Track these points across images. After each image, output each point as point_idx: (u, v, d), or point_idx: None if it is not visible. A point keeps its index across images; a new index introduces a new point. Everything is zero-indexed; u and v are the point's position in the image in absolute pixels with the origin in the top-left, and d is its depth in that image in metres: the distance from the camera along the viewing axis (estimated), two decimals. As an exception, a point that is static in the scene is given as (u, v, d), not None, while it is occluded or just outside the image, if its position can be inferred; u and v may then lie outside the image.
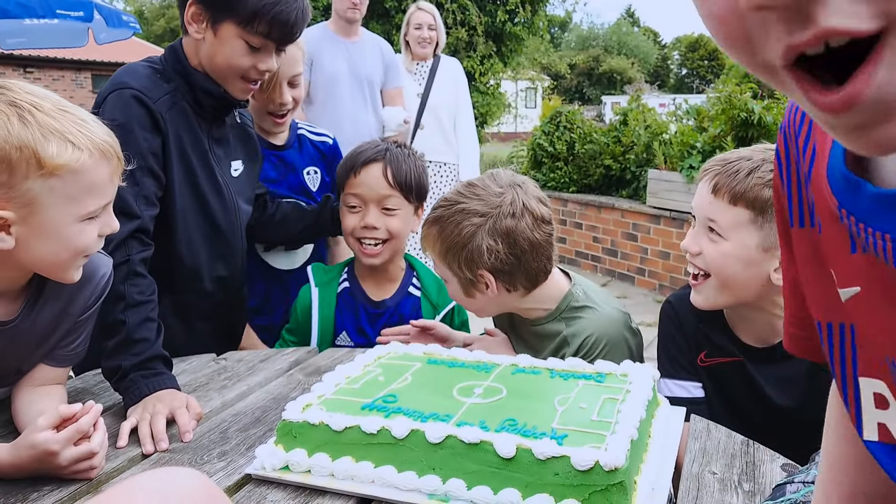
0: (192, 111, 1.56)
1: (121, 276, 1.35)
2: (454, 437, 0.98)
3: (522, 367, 1.27)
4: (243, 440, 1.20)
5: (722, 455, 1.13)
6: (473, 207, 1.47)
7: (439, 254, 1.51)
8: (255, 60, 1.52)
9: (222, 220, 1.65)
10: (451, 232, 1.47)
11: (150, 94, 1.48)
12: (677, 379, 1.45)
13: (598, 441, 0.96)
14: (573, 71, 45.19)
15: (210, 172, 1.61)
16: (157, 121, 1.48)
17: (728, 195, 1.32)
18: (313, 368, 1.53)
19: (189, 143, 1.56)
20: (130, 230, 1.40)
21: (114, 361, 1.31)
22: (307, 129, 2.19)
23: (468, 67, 9.07)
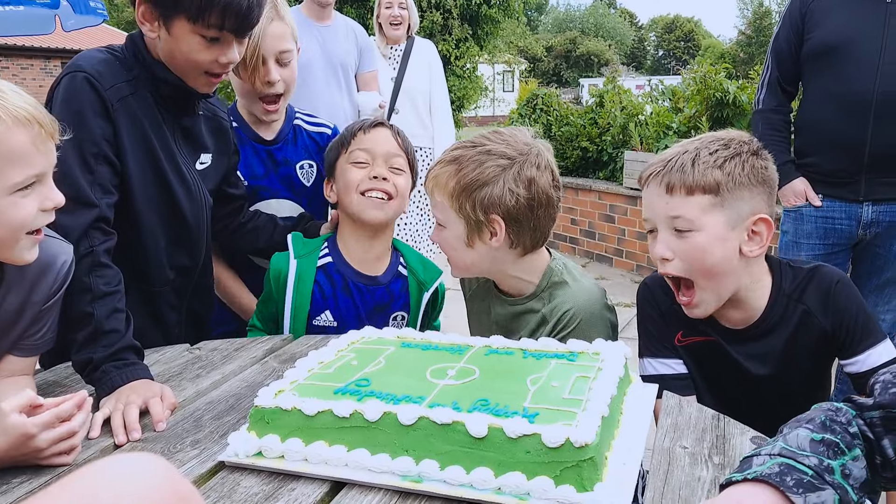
0: (154, 100, 1.53)
1: (85, 267, 1.33)
2: (426, 419, 0.98)
3: (496, 348, 1.27)
4: (217, 428, 1.19)
5: (693, 429, 1.15)
6: (501, 150, 1.47)
7: (451, 192, 1.48)
8: (215, 53, 1.48)
9: (188, 210, 1.62)
10: (472, 171, 1.46)
11: (102, 80, 1.44)
12: (659, 357, 1.47)
13: (569, 419, 0.97)
14: (550, 54, 45.13)
15: (175, 162, 1.58)
16: (108, 107, 1.44)
17: (683, 189, 1.35)
18: (288, 356, 1.52)
19: (152, 132, 1.53)
20: (90, 220, 1.38)
21: (84, 354, 1.30)
22: (304, 120, 2.09)
23: (444, 51, 9.02)
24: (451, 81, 9.38)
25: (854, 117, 2.28)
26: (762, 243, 1.36)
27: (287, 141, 2.02)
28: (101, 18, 5.91)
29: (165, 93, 1.54)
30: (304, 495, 0.97)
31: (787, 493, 0.82)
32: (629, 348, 1.26)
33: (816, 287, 1.41)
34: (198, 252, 1.69)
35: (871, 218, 2.36)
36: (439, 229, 1.55)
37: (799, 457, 0.87)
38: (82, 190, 1.38)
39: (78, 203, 1.36)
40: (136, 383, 1.27)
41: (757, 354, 1.44)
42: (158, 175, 1.55)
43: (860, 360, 1.38)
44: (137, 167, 1.50)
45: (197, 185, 1.64)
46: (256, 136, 1.98)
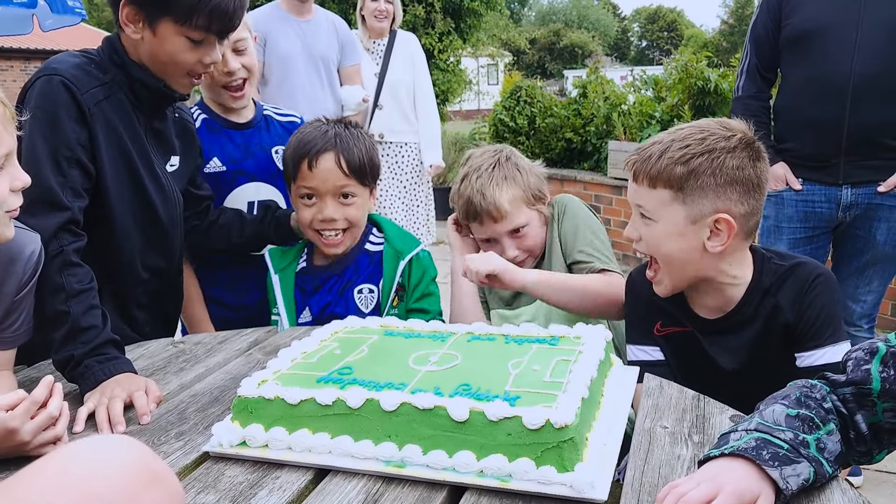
0: (130, 103, 1.53)
1: (56, 266, 1.33)
2: (408, 404, 0.99)
3: (478, 334, 1.29)
4: (201, 420, 1.19)
5: (673, 410, 1.16)
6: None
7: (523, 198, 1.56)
8: (199, 55, 1.49)
9: (163, 212, 1.62)
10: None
11: (79, 83, 1.43)
12: (640, 345, 1.49)
13: (549, 401, 0.98)
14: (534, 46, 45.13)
15: (150, 164, 1.58)
16: (84, 112, 1.43)
17: (647, 180, 1.36)
18: (272, 347, 1.52)
19: (127, 135, 1.52)
20: (61, 222, 1.37)
21: (64, 352, 1.30)
22: (273, 111, 2.15)
23: (427, 45, 9.00)
24: (434, 75, 9.36)
25: (831, 102, 2.30)
26: (724, 241, 1.34)
27: (260, 127, 2.07)
28: (79, 18, 5.85)
29: (142, 95, 1.54)
30: (289, 483, 0.98)
31: (763, 465, 0.84)
32: (609, 332, 1.27)
33: (793, 283, 1.39)
34: (172, 252, 1.70)
35: (850, 200, 2.38)
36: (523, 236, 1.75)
37: (775, 431, 0.88)
38: (54, 192, 1.37)
39: (48, 205, 1.37)
40: (120, 377, 1.27)
41: (728, 347, 1.45)
42: (133, 177, 1.55)
43: (814, 354, 1.35)
44: (113, 170, 1.50)
45: (170, 186, 1.64)
46: (229, 122, 2.00)
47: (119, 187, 1.53)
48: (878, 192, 2.34)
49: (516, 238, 1.74)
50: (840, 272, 2.51)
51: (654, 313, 1.49)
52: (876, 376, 0.94)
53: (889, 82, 2.24)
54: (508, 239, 1.73)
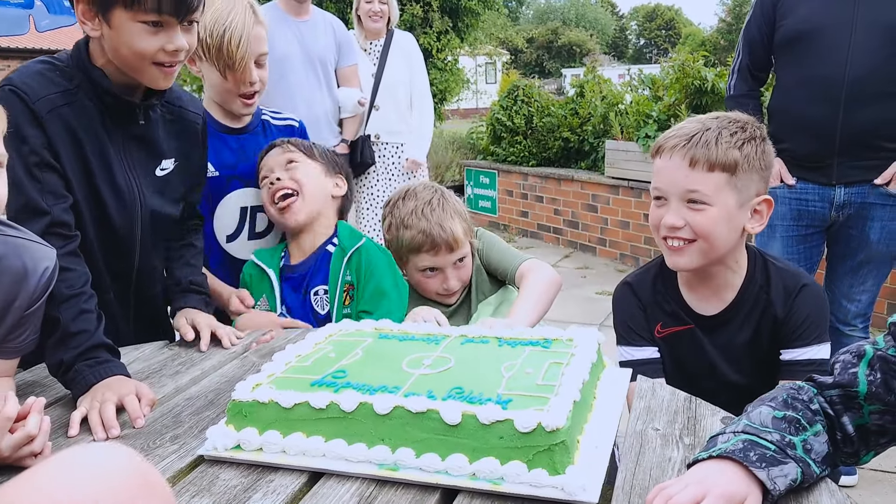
0: (96, 109, 1.50)
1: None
2: (401, 408, 1.00)
3: (471, 337, 1.29)
4: (196, 423, 1.20)
5: (665, 412, 1.17)
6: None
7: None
8: (160, 41, 1.42)
9: (117, 219, 1.57)
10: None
11: (30, 91, 1.41)
12: (634, 345, 1.52)
13: (541, 404, 0.99)
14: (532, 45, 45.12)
15: (109, 172, 1.53)
16: (37, 118, 1.41)
17: (706, 164, 1.40)
18: (267, 350, 1.53)
19: (87, 141, 1.49)
20: (43, 227, 1.37)
21: (55, 357, 1.31)
22: (271, 115, 2.14)
23: (425, 44, 9.00)
24: (432, 74, 9.36)
25: (825, 103, 2.31)
26: (762, 221, 1.45)
27: (256, 132, 2.06)
28: (75, 18, 5.85)
29: (107, 102, 1.50)
30: (283, 486, 0.98)
31: (750, 467, 0.85)
32: (602, 334, 1.28)
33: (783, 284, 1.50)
34: (129, 261, 1.64)
35: (843, 200, 2.39)
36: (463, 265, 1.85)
37: (762, 433, 0.89)
38: (31, 199, 1.38)
39: (28, 212, 1.37)
40: (111, 380, 1.27)
41: (727, 345, 1.50)
42: (89, 184, 1.51)
43: (797, 351, 1.45)
44: (71, 176, 1.47)
45: (135, 194, 1.58)
46: (225, 126, 2.00)
47: (75, 193, 1.49)
48: (873, 185, 2.35)
49: (458, 268, 1.87)
50: (834, 272, 2.52)
51: (655, 315, 1.52)
52: (863, 379, 0.95)
53: (882, 84, 2.25)
54: (452, 269, 1.86)
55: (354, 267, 1.78)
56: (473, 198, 7.88)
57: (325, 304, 1.78)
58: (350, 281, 1.77)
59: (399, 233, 1.84)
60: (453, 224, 1.82)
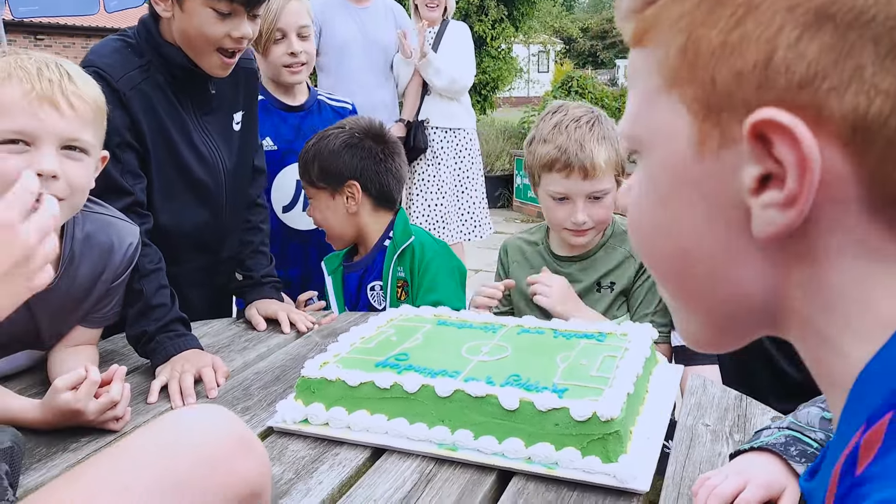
0: (168, 83, 1.55)
1: None
2: (462, 392, 1.05)
3: (527, 327, 1.34)
4: (264, 396, 1.27)
5: (716, 409, 1.20)
6: (602, 112, 1.64)
7: (616, 164, 1.59)
8: (227, 28, 1.48)
9: (208, 184, 1.65)
10: (615, 135, 1.59)
11: (113, 72, 1.47)
12: None
13: (595, 394, 1.03)
14: (586, 34, 44.53)
15: (190, 142, 1.60)
16: (121, 98, 1.48)
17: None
18: (329, 330, 1.60)
19: (166, 116, 1.55)
20: (126, 205, 1.45)
21: (138, 328, 1.39)
22: (326, 96, 2.25)
23: (479, 32, 8.98)
24: (485, 63, 9.34)
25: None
26: None
27: (312, 110, 2.17)
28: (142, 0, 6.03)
29: (177, 74, 1.55)
30: (348, 459, 1.05)
31: (789, 461, 0.88)
32: (655, 331, 1.31)
33: None
34: (219, 229, 1.72)
35: None
36: (598, 202, 1.64)
37: (806, 431, 0.92)
38: (114, 179, 1.45)
39: (112, 191, 1.44)
40: (188, 353, 1.36)
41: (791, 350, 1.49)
42: (175, 159, 1.59)
43: None
44: (155, 153, 1.55)
45: (216, 157, 1.66)
46: (283, 104, 2.10)
47: (163, 170, 1.57)
48: None
49: (593, 203, 1.63)
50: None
51: None
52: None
53: None
54: (583, 201, 1.62)
55: (407, 264, 1.79)
56: (522, 188, 7.87)
57: (381, 300, 1.82)
58: (403, 277, 1.80)
59: (536, 147, 1.65)
60: (597, 148, 1.58)
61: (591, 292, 1.68)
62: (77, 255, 1.27)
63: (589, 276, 1.68)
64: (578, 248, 1.69)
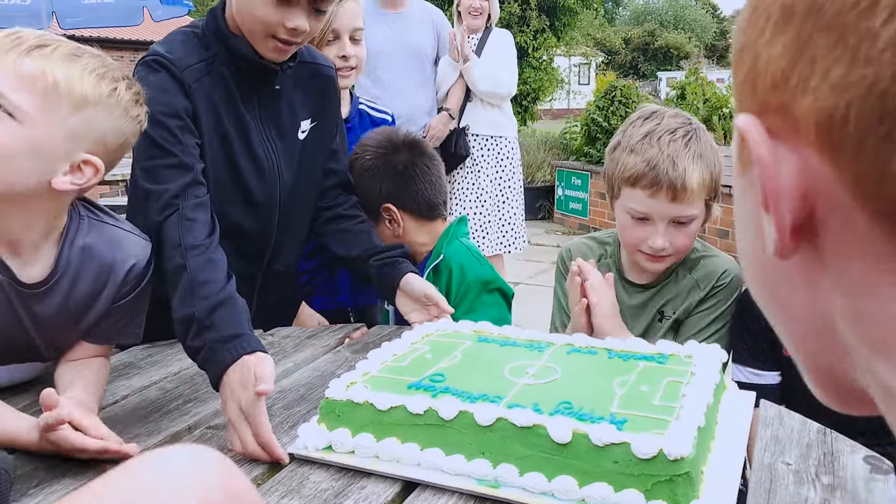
0: (232, 77, 1.48)
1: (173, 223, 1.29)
2: (505, 420, 0.92)
3: (578, 346, 1.20)
4: (287, 418, 1.16)
5: (796, 444, 1.05)
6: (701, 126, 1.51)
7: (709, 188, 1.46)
8: (282, 16, 1.37)
9: (258, 193, 1.54)
10: (713, 154, 1.46)
11: (177, 62, 1.40)
12: (753, 368, 1.37)
13: (660, 427, 0.89)
14: (627, 46, 44.18)
15: (247, 143, 1.51)
16: (185, 89, 1.40)
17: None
18: (361, 345, 1.48)
19: (226, 113, 1.48)
20: (185, 183, 1.34)
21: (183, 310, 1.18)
22: (368, 106, 2.15)
23: (521, 42, 8.88)
24: (526, 73, 9.23)
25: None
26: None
27: (354, 124, 2.07)
28: (186, 9, 6.07)
29: (244, 69, 1.47)
30: (375, 494, 0.93)
31: None
32: (724, 352, 1.16)
33: None
34: (266, 238, 1.59)
35: None
36: (682, 227, 1.45)
37: None
38: (176, 156, 1.35)
39: (175, 168, 1.35)
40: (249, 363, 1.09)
41: None
42: (228, 158, 1.50)
43: None
44: (210, 150, 1.46)
45: (273, 163, 1.55)
46: None
47: (215, 168, 1.47)
48: None
49: (675, 228, 1.43)
50: None
51: None
52: None
53: None
54: (666, 225, 1.43)
55: (443, 283, 1.67)
56: (564, 199, 7.72)
57: None
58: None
59: (621, 157, 1.45)
60: (691, 167, 1.39)
61: (653, 324, 1.52)
62: (73, 265, 1.16)
63: (652, 307, 1.52)
64: (650, 275, 1.52)
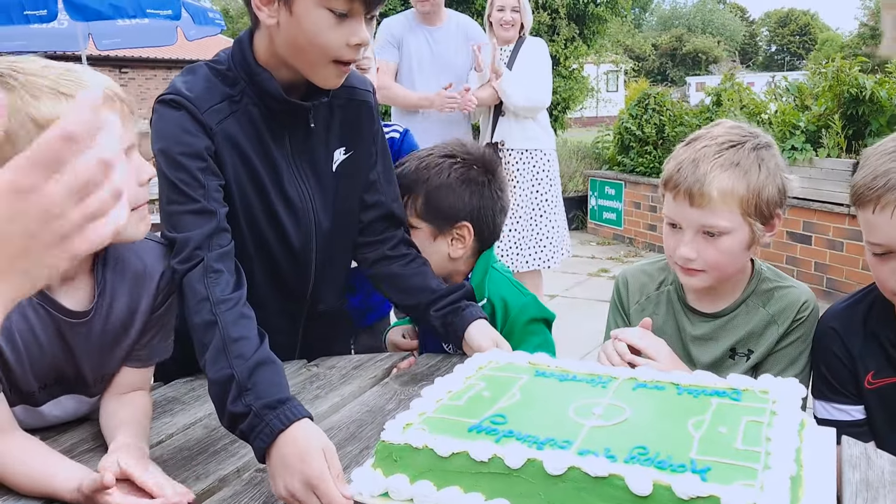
0: (261, 115, 1.35)
1: (198, 275, 1.20)
2: (577, 469, 0.85)
3: (644, 381, 1.13)
4: (338, 458, 1.10)
5: (890, 489, 0.97)
6: (763, 142, 1.38)
7: (742, 200, 1.33)
8: (345, 33, 1.24)
9: (293, 233, 1.44)
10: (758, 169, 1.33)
11: (199, 103, 1.30)
12: (836, 403, 1.29)
13: (748, 477, 0.82)
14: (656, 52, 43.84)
15: (279, 183, 1.40)
16: (207, 131, 1.31)
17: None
18: (409, 377, 1.43)
19: (254, 153, 1.36)
20: (212, 229, 1.25)
21: (218, 370, 1.09)
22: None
23: (552, 52, 8.80)
24: (556, 83, 9.15)
25: None
26: None
27: None
28: (218, 28, 6.14)
29: (273, 106, 1.35)
30: (438, 548, 0.87)
31: None
32: (802, 387, 1.09)
33: None
34: (305, 277, 1.49)
35: None
36: (711, 240, 1.35)
37: None
38: (198, 202, 1.27)
39: (197, 214, 1.27)
40: (298, 435, 1.03)
41: None
42: (263, 200, 1.40)
43: None
44: (239, 193, 1.37)
45: (307, 202, 1.44)
46: None
47: (245, 211, 1.38)
48: None
49: (705, 239, 1.36)
50: None
51: (865, 361, 1.28)
52: None
53: None
54: (694, 234, 1.36)
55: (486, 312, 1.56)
56: (597, 209, 7.61)
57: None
58: None
59: (667, 159, 1.45)
60: (714, 172, 1.31)
61: (723, 360, 1.43)
62: (109, 284, 1.16)
63: (723, 340, 1.43)
64: (714, 302, 1.45)
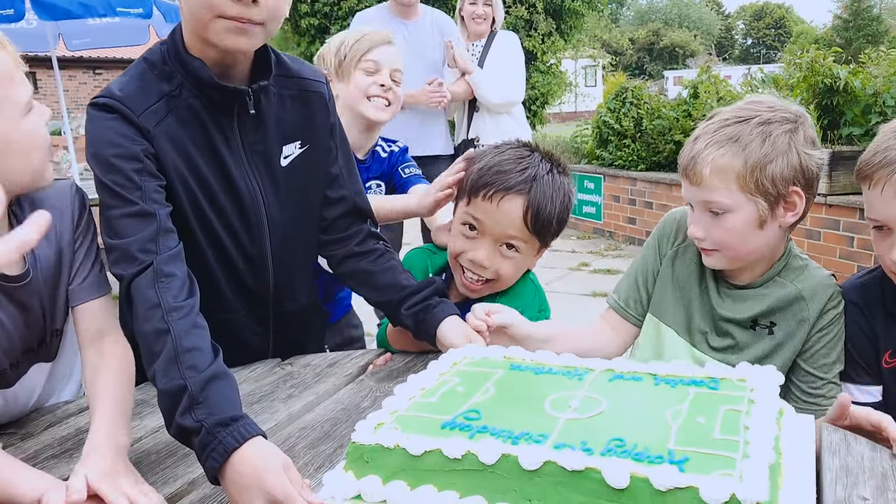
0: (203, 107, 1.30)
1: (148, 280, 1.16)
2: (553, 463, 0.83)
3: (620, 372, 1.11)
4: (311, 459, 1.08)
5: (870, 475, 0.95)
6: (780, 116, 1.30)
7: (739, 175, 1.27)
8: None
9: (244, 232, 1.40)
10: (761, 143, 1.27)
11: (133, 105, 1.25)
12: (861, 384, 1.29)
13: (727, 466, 0.80)
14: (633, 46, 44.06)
15: (226, 178, 1.36)
16: (144, 134, 1.26)
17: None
18: (384, 373, 1.40)
19: (198, 153, 1.32)
20: (152, 232, 1.20)
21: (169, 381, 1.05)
22: (381, 146, 2.10)
23: (530, 47, 8.81)
24: (534, 78, 9.16)
25: None
26: None
27: (368, 165, 2.04)
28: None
29: (212, 95, 1.30)
30: (412, 549, 0.84)
31: None
32: (780, 375, 1.07)
33: None
34: (264, 275, 1.45)
35: None
36: (717, 218, 1.32)
37: None
38: (136, 204, 1.22)
39: (136, 218, 1.21)
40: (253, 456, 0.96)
41: None
42: (211, 198, 1.35)
43: None
44: (187, 195, 1.32)
45: (257, 196, 1.39)
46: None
47: (196, 213, 1.34)
48: None
49: (712, 218, 1.33)
50: None
51: (885, 340, 1.27)
52: None
53: None
54: (701, 212, 1.34)
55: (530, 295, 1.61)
56: (577, 203, 7.63)
57: None
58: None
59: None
60: (708, 149, 1.29)
61: (742, 329, 1.40)
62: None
63: (742, 310, 1.40)
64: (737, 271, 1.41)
